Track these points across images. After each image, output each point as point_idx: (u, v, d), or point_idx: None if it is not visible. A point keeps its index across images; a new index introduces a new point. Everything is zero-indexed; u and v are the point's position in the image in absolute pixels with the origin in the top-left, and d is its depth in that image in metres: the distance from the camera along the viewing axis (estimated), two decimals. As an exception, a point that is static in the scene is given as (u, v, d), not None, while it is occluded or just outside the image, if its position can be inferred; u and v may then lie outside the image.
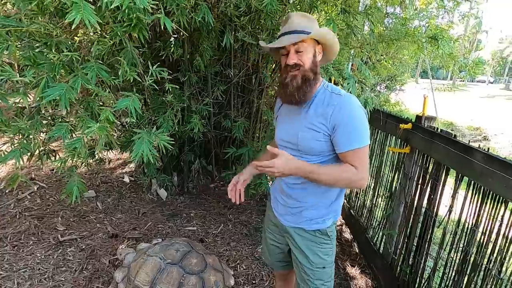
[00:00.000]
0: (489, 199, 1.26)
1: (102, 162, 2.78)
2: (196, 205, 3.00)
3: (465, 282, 1.35)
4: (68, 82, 1.30)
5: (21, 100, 1.34)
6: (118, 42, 1.51)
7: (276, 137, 1.23)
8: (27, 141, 1.45)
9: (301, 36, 1.02)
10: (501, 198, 1.20)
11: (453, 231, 1.46)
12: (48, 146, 1.71)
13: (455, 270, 1.43)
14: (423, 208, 1.70)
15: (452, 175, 1.52)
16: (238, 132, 2.68)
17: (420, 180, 1.77)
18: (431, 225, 1.60)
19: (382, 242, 2.16)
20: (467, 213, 1.37)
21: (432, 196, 1.63)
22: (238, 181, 1.22)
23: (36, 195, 2.86)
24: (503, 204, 1.20)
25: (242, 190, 1.21)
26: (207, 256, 1.76)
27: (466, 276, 1.35)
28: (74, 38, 1.56)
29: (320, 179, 1.02)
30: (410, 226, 1.81)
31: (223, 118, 2.90)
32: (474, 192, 1.34)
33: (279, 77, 1.14)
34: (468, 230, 1.37)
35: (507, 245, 1.16)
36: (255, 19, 2.20)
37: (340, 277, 2.17)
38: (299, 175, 1.01)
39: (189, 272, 1.62)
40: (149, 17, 1.34)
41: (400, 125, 1.91)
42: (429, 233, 1.62)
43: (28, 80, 1.23)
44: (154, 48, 2.32)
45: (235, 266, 2.16)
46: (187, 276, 1.60)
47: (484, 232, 1.27)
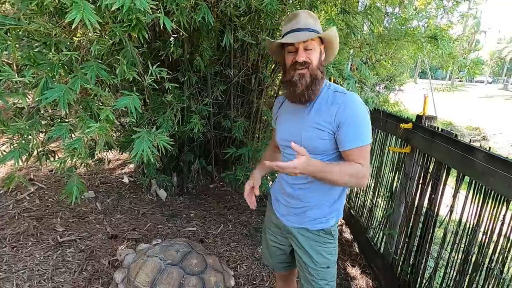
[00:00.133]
0: (491, 199, 1.26)
1: (102, 162, 2.77)
2: (196, 205, 2.99)
3: (466, 282, 1.35)
4: (67, 82, 1.29)
5: (20, 101, 1.33)
6: (118, 41, 1.50)
7: (277, 138, 1.22)
8: (26, 141, 1.44)
9: (313, 34, 1.02)
10: (503, 197, 1.20)
11: (454, 231, 1.46)
12: (47, 147, 1.70)
13: (456, 270, 1.43)
14: (424, 208, 1.70)
15: (453, 175, 1.52)
16: (238, 132, 2.68)
17: (421, 179, 1.77)
18: (432, 225, 1.60)
19: (383, 242, 2.15)
20: (468, 213, 1.37)
21: (433, 196, 1.63)
22: (253, 186, 1.23)
23: (35, 195, 2.84)
24: (505, 203, 1.19)
25: (256, 195, 1.24)
26: (207, 256, 1.76)
27: (468, 276, 1.34)
28: (73, 37, 1.55)
29: (332, 177, 1.00)
30: (411, 226, 1.81)
31: (222, 118, 2.89)
32: (476, 191, 1.34)
33: (283, 76, 1.12)
34: (470, 230, 1.36)
35: (509, 245, 1.16)
36: (255, 19, 2.19)
37: (341, 277, 2.17)
38: (315, 174, 0.98)
39: (190, 273, 1.61)
40: (148, 17, 1.33)
41: (401, 124, 1.91)
42: (430, 233, 1.61)
43: (28, 80, 1.22)
44: (153, 48, 2.31)
45: (235, 267, 2.15)
46: (187, 277, 1.59)
47: (485, 231, 1.27)
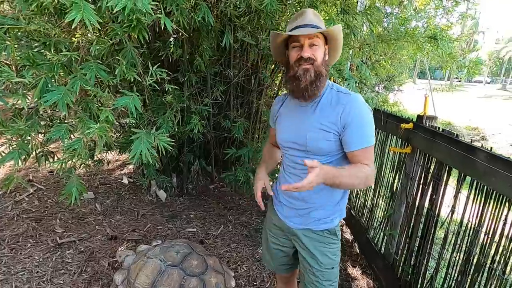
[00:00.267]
0: (492, 199, 1.26)
1: (101, 163, 2.76)
2: (196, 206, 2.98)
3: (468, 283, 1.34)
4: (67, 83, 1.29)
5: (19, 102, 1.32)
6: (118, 42, 1.50)
7: (278, 138, 1.19)
8: (25, 142, 1.43)
9: (319, 29, 1.03)
10: (504, 197, 1.20)
11: (455, 231, 1.45)
12: (47, 148, 1.69)
13: (458, 270, 1.42)
14: (425, 208, 1.69)
15: (454, 175, 1.52)
16: (238, 133, 2.67)
17: (422, 180, 1.76)
18: (433, 225, 1.60)
19: (383, 243, 2.15)
20: (469, 213, 1.37)
21: (434, 196, 1.62)
22: (257, 191, 1.22)
23: (34, 197, 2.83)
24: (507, 203, 1.19)
25: (270, 195, 1.24)
26: (207, 257, 1.75)
27: (470, 277, 1.34)
28: (72, 38, 1.54)
29: (342, 181, 0.97)
30: (411, 226, 1.80)
31: (222, 118, 2.89)
32: (477, 192, 1.34)
33: (286, 72, 1.11)
34: (471, 230, 1.36)
35: (511, 245, 1.16)
36: (254, 19, 2.19)
37: (341, 278, 2.16)
38: (328, 182, 0.95)
39: (190, 274, 1.60)
40: (149, 18, 1.33)
41: (401, 124, 1.91)
42: (431, 233, 1.61)
43: (27, 81, 1.22)
44: (153, 48, 2.30)
45: (235, 268, 2.15)
46: (187, 278, 1.58)
47: (487, 232, 1.27)
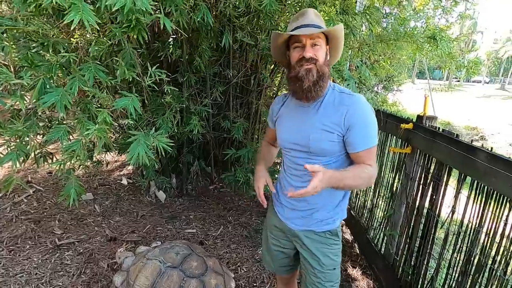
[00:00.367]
0: (493, 199, 1.25)
1: (100, 164, 2.75)
2: (195, 207, 2.98)
3: (469, 283, 1.34)
4: (65, 84, 1.28)
5: (17, 103, 1.31)
6: (116, 42, 1.49)
7: (279, 139, 1.18)
8: (24, 143, 1.42)
9: (321, 28, 1.02)
10: (505, 198, 1.19)
11: (456, 232, 1.45)
12: (45, 149, 1.68)
13: (458, 271, 1.42)
14: (425, 208, 1.69)
15: (454, 175, 1.51)
16: (237, 133, 2.66)
17: (422, 180, 1.76)
18: (434, 226, 1.59)
19: (383, 243, 2.15)
20: (470, 214, 1.36)
21: (434, 197, 1.62)
22: (259, 189, 1.20)
23: (32, 198, 2.82)
24: (508, 204, 1.19)
25: (272, 191, 1.24)
26: (207, 258, 1.74)
27: (470, 277, 1.33)
28: (71, 39, 1.54)
29: (346, 183, 0.99)
30: (412, 226, 1.80)
31: (222, 119, 2.88)
32: (477, 192, 1.33)
33: (288, 73, 1.10)
34: (472, 231, 1.36)
35: (512, 246, 1.15)
36: (254, 19, 2.19)
37: (342, 278, 2.15)
38: (332, 185, 0.96)
39: (190, 276, 1.59)
40: (148, 18, 1.32)
41: (401, 125, 1.90)
42: (432, 233, 1.61)
43: (26, 83, 1.21)
44: (152, 48, 2.30)
45: (235, 269, 2.14)
46: (187, 280, 1.57)
47: (488, 232, 1.26)
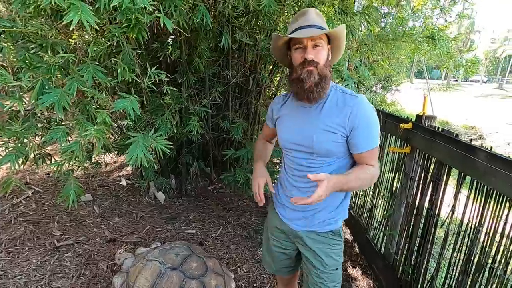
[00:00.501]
0: (493, 199, 1.25)
1: (99, 165, 2.74)
2: (195, 207, 2.97)
3: (469, 282, 1.34)
4: (64, 85, 1.27)
5: (16, 104, 1.30)
6: (115, 43, 1.48)
7: (280, 139, 1.17)
8: (22, 144, 1.41)
9: (323, 30, 1.01)
10: (505, 197, 1.19)
11: (456, 231, 1.45)
12: (44, 150, 1.67)
13: (458, 270, 1.42)
14: (425, 208, 1.69)
15: (454, 175, 1.52)
16: (236, 134, 2.66)
17: (421, 180, 1.76)
18: (433, 225, 1.60)
19: (383, 243, 2.15)
20: (470, 213, 1.36)
21: (433, 196, 1.62)
22: (259, 187, 1.17)
23: (31, 199, 2.81)
24: (507, 203, 1.19)
25: (272, 191, 1.23)
26: (207, 259, 1.74)
27: (470, 277, 1.34)
28: (69, 39, 1.53)
29: (350, 186, 1.00)
30: (411, 226, 1.80)
31: (221, 119, 2.88)
32: (477, 191, 1.33)
33: (290, 74, 1.10)
34: (472, 230, 1.36)
35: (512, 245, 1.15)
36: (253, 19, 2.19)
37: (342, 278, 2.14)
38: (337, 189, 0.96)
39: (190, 277, 1.59)
40: (148, 17, 1.31)
41: (401, 124, 1.90)
42: (432, 233, 1.61)
43: (24, 84, 1.20)
44: (151, 49, 2.29)
45: (235, 269, 2.14)
46: (187, 281, 1.57)
47: (488, 232, 1.27)
